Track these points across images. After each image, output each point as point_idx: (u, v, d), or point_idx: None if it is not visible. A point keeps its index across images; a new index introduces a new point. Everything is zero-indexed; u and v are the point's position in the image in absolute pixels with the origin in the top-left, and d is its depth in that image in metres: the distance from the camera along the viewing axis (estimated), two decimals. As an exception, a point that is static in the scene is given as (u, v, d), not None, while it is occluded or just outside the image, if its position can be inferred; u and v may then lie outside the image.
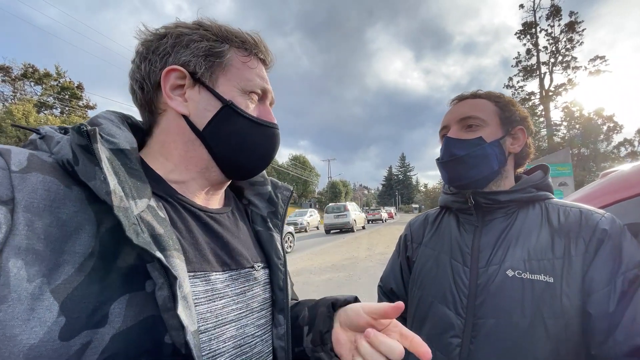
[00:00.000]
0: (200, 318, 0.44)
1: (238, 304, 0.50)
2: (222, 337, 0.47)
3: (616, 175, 0.96)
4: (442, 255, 0.84)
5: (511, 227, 0.77)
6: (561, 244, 0.70)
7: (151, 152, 0.53)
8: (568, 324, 0.65)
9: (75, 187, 0.38)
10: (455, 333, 0.74)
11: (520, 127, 0.84)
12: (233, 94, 0.52)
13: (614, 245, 0.66)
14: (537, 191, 0.79)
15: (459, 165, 0.81)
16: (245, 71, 0.53)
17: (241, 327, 0.50)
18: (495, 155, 0.80)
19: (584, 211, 0.73)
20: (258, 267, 0.56)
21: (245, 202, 0.66)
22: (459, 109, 0.85)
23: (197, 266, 0.46)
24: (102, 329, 0.34)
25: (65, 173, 0.39)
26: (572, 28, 27.74)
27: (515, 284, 0.70)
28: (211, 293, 0.47)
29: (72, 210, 0.37)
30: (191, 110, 0.51)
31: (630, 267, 0.64)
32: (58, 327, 0.32)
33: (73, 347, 0.33)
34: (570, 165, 9.57)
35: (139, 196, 0.42)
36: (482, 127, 0.81)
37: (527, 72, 29.54)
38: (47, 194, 0.36)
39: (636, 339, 0.59)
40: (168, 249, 0.40)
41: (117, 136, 0.45)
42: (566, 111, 28.49)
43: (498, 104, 0.83)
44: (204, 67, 0.50)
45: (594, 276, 0.65)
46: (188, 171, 0.52)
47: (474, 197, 0.80)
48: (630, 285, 0.62)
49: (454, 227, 0.86)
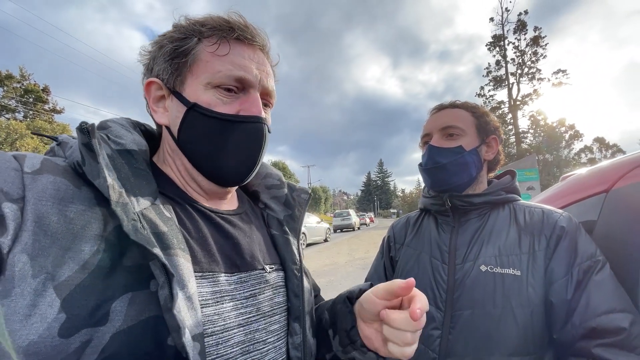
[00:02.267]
0: (207, 320, 0.42)
1: (247, 308, 0.48)
2: (230, 342, 0.44)
3: (573, 178, 1.07)
4: (423, 254, 0.91)
5: (484, 226, 0.85)
6: (527, 241, 0.78)
7: (160, 157, 0.54)
8: (533, 312, 0.73)
9: (85, 187, 0.39)
10: (435, 325, 0.80)
11: (493, 136, 0.92)
12: (198, 93, 0.48)
13: (571, 240, 0.75)
14: (506, 194, 0.88)
15: (442, 172, 0.88)
16: (214, 63, 0.48)
17: (250, 332, 0.47)
18: (473, 162, 0.88)
19: (545, 211, 0.82)
20: (270, 270, 0.54)
21: (261, 206, 0.64)
22: (440, 118, 0.92)
23: (205, 266, 0.45)
24: (102, 327, 0.34)
25: (77, 175, 0.40)
26: (537, 42, 29.66)
27: (488, 278, 0.77)
28: (219, 295, 0.45)
29: (80, 209, 0.37)
30: (170, 120, 0.50)
31: (584, 259, 0.72)
32: (58, 324, 0.32)
33: (72, 344, 0.32)
34: (537, 170, 10.14)
35: (142, 194, 0.42)
36: (462, 137, 0.88)
37: (497, 82, 31.22)
38: (56, 193, 0.36)
39: (589, 321, 0.67)
40: (172, 248, 0.40)
41: (125, 138, 0.46)
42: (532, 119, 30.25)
43: (475, 115, 0.91)
44: (170, 72, 0.49)
45: (554, 268, 0.73)
46: (184, 177, 0.53)
47: (451, 200, 0.87)
48: (585, 275, 0.71)
49: (433, 228, 0.93)
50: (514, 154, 28.40)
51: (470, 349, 0.75)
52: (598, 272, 0.71)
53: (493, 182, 0.94)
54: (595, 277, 0.70)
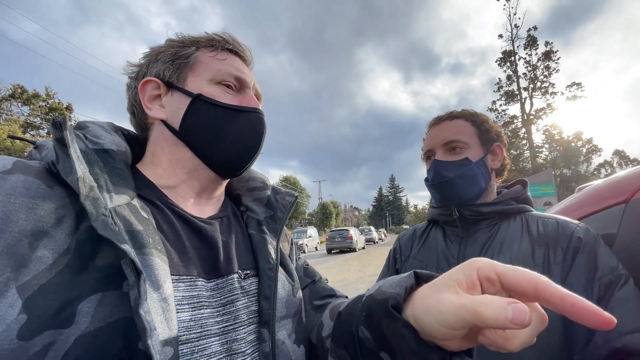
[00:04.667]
0: (183, 327, 0.40)
1: (224, 315, 0.46)
2: (206, 351, 0.42)
3: (590, 189, 1.02)
4: (430, 267, 0.86)
5: (494, 237, 0.80)
6: (541, 253, 0.73)
7: (145, 162, 0.55)
8: (550, 330, 0.67)
9: (58, 187, 0.38)
10: (444, 343, 0.75)
11: (497, 144, 0.89)
12: (201, 86, 0.52)
13: (590, 253, 0.70)
14: (517, 203, 0.84)
15: (451, 187, 0.84)
16: (215, 63, 0.53)
17: (228, 341, 0.45)
18: (482, 174, 0.84)
19: (560, 221, 0.77)
20: (245, 275, 0.51)
21: (243, 209, 0.64)
22: (441, 132, 0.88)
23: (182, 270, 0.43)
24: (67, 329, 0.32)
25: (50, 175, 0.39)
26: (549, 57, 29.49)
27: None
28: (196, 300, 0.43)
29: (51, 207, 0.36)
30: (168, 114, 0.52)
31: (605, 273, 0.67)
32: (17, 326, 0.30)
33: (33, 347, 0.30)
34: (553, 185, 9.86)
35: (116, 192, 0.41)
36: (466, 149, 0.85)
37: (509, 96, 30.97)
38: (26, 192, 0.36)
39: (613, 342, 0.61)
40: (146, 247, 0.38)
41: (103, 138, 0.46)
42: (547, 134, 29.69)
43: (475, 124, 0.88)
44: (172, 70, 0.52)
45: (572, 282, 0.68)
46: (176, 174, 0.52)
47: (459, 210, 0.84)
48: (606, 291, 0.66)
49: (441, 239, 0.89)
50: (529, 168, 27.79)
51: None
52: (621, 288, 0.65)
53: (503, 191, 0.90)
54: (618, 293, 0.65)
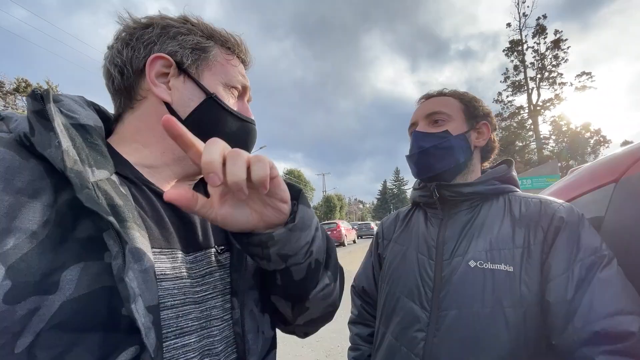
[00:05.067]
0: (167, 294, 0.43)
1: (203, 285, 0.49)
2: (190, 316, 0.45)
3: (582, 169, 0.98)
4: (410, 250, 0.84)
5: (475, 219, 0.77)
6: (521, 234, 0.70)
7: (122, 138, 0.52)
8: (527, 312, 0.64)
9: (33, 160, 0.38)
10: (420, 327, 0.72)
11: (484, 122, 0.86)
12: (217, 87, 0.54)
13: (572, 233, 0.66)
14: (501, 184, 0.80)
15: (426, 157, 0.82)
16: (228, 67, 0.56)
17: (207, 309, 0.49)
18: (461, 147, 0.81)
19: (543, 201, 0.73)
20: (221, 250, 0.55)
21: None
22: (426, 106, 0.87)
23: (163, 243, 0.45)
24: (51, 296, 0.33)
25: (23, 147, 0.39)
26: (557, 45, 28.82)
27: (477, 275, 0.69)
28: (178, 271, 0.46)
29: (28, 179, 0.36)
30: (174, 99, 0.52)
31: (587, 253, 0.64)
32: (2, 291, 0.31)
33: (19, 312, 0.32)
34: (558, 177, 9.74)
35: (97, 166, 0.41)
36: (448, 122, 0.83)
37: (516, 87, 30.42)
38: (1, 163, 0.36)
39: (594, 324, 0.58)
40: (127, 221, 0.39)
41: (78, 112, 0.45)
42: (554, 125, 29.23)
43: (462, 101, 0.86)
44: (191, 59, 0.52)
45: (552, 264, 0.65)
46: (163, 157, 0.52)
47: (439, 190, 0.80)
48: (588, 272, 0.62)
49: (422, 222, 0.86)
50: (535, 160, 27.44)
51: (456, 352, 0.67)
52: (603, 269, 0.62)
53: (486, 171, 0.87)
54: (600, 275, 0.62)
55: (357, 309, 1.01)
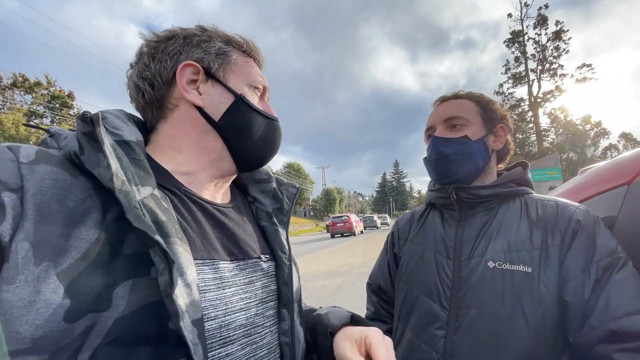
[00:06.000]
0: (210, 305, 0.44)
1: (247, 293, 0.51)
2: (232, 325, 0.47)
3: (593, 170, 1.00)
4: (427, 250, 0.86)
5: (492, 220, 0.79)
6: (539, 236, 0.72)
7: (158, 147, 0.54)
8: (545, 312, 0.67)
9: (82, 177, 0.40)
10: (440, 325, 0.75)
11: (501, 125, 0.87)
12: (242, 88, 0.56)
13: (588, 235, 0.69)
14: (517, 186, 0.82)
15: (447, 163, 0.83)
16: (249, 69, 0.59)
17: (250, 316, 0.50)
18: (480, 152, 0.83)
19: (560, 204, 0.76)
20: (265, 259, 0.57)
21: (250, 200, 0.67)
22: (443, 109, 0.88)
23: (205, 254, 0.47)
24: (105, 312, 0.35)
25: (72, 165, 0.40)
26: (559, 36, 28.58)
27: (495, 275, 0.72)
28: (220, 281, 0.47)
29: (78, 198, 0.38)
30: (206, 103, 0.54)
31: (603, 255, 0.66)
32: (63, 310, 0.33)
33: (77, 329, 0.33)
34: (559, 170, 9.75)
35: (142, 184, 0.43)
36: (466, 127, 0.84)
37: (516, 79, 30.24)
38: (54, 183, 0.37)
39: (610, 323, 0.61)
40: (171, 236, 0.41)
41: (122, 129, 0.47)
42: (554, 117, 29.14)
43: (479, 104, 0.87)
44: (217, 64, 0.55)
45: (569, 265, 0.68)
46: (199, 162, 0.54)
47: (456, 193, 0.83)
48: (604, 273, 0.65)
49: (438, 223, 0.89)
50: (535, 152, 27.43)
51: (477, 350, 0.70)
52: (619, 270, 0.65)
53: (503, 174, 0.89)
54: (616, 276, 0.64)
55: (374, 306, 1.04)
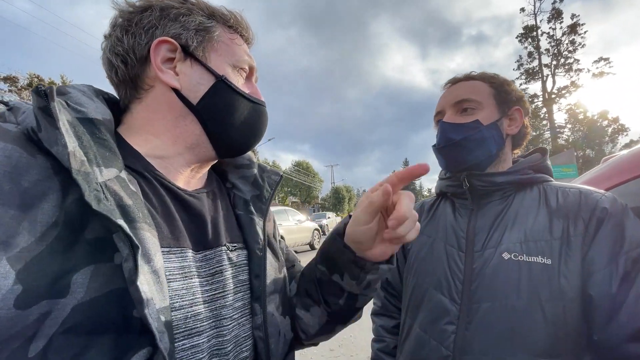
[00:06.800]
0: (176, 294, 0.42)
1: (213, 285, 0.48)
2: (199, 316, 0.45)
3: (616, 159, 0.93)
4: (437, 242, 0.81)
5: (508, 209, 0.74)
6: (559, 225, 0.67)
7: (131, 128, 0.50)
8: (567, 307, 0.61)
9: (40, 156, 0.37)
10: (450, 319, 0.71)
11: (517, 108, 0.81)
12: (225, 69, 0.51)
13: (616, 224, 0.63)
14: (535, 173, 0.77)
15: (456, 150, 0.78)
16: (234, 47, 0.53)
17: (217, 307, 0.48)
18: (493, 138, 0.77)
19: (583, 191, 0.70)
20: (232, 248, 0.54)
21: (229, 186, 0.63)
22: (453, 92, 0.82)
23: (172, 242, 0.44)
24: (63, 299, 0.33)
25: (30, 142, 0.37)
26: (574, 30, 27.76)
27: (511, 267, 0.66)
28: (187, 270, 0.45)
29: (35, 179, 0.35)
30: (183, 84, 0.49)
31: (633, 246, 0.60)
32: (13, 295, 0.31)
33: (30, 316, 0.31)
34: (575, 167, 9.48)
35: (105, 165, 0.39)
36: (478, 110, 0.78)
37: (530, 74, 29.53)
38: (7, 161, 0.34)
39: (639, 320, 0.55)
40: (137, 221, 0.38)
41: (86, 105, 0.43)
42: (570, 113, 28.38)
43: (493, 85, 0.81)
44: (196, 41, 0.50)
45: (594, 256, 0.62)
46: (175, 146, 0.51)
47: (469, 180, 0.77)
48: (634, 265, 0.59)
49: (449, 213, 0.83)
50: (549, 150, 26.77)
51: (490, 346, 0.65)
52: None
53: (519, 160, 0.83)
54: (648, 268, 0.58)
55: (381, 301, 0.99)
